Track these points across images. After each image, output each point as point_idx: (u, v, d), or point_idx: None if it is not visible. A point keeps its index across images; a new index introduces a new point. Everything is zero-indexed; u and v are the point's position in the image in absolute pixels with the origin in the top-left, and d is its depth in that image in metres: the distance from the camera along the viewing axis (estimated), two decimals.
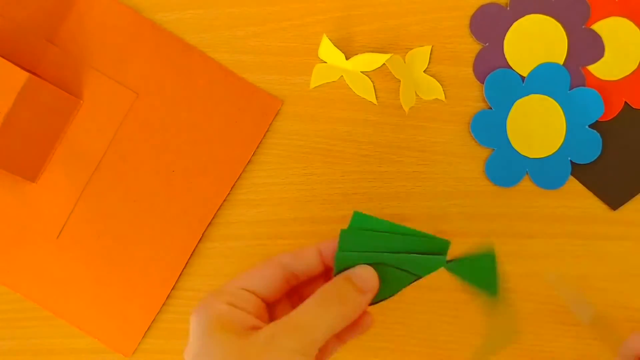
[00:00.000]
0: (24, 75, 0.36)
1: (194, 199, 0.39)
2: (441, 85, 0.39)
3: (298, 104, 0.40)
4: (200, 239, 0.39)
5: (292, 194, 0.40)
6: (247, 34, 0.40)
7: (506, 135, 0.39)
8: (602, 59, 0.38)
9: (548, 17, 0.39)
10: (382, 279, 0.29)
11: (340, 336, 0.31)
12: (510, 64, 0.39)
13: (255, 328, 0.28)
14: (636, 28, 0.38)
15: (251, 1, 0.40)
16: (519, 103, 0.38)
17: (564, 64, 0.38)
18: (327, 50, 0.39)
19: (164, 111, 0.40)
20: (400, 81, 0.39)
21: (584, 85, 0.38)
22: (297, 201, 0.40)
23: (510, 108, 0.39)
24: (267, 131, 0.40)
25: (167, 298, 0.39)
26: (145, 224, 0.39)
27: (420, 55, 0.40)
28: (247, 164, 0.40)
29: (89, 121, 0.40)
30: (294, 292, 0.31)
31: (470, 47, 0.40)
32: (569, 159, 0.39)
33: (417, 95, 0.40)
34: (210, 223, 0.39)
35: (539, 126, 0.38)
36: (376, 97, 0.40)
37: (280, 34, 0.40)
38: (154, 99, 0.40)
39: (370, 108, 0.40)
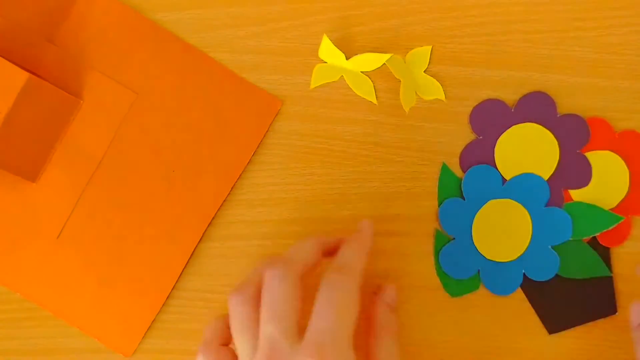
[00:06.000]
0: (24, 75, 0.36)
1: (194, 199, 0.39)
2: (441, 85, 0.39)
3: (298, 104, 0.40)
4: (201, 239, 0.39)
5: (292, 194, 0.40)
6: (247, 34, 0.40)
7: (470, 228, 0.38)
8: (585, 188, 0.38)
9: (547, 132, 0.38)
10: None
11: None
12: (497, 163, 0.38)
13: None
14: (626, 169, 0.38)
15: (251, 1, 0.40)
16: (492, 202, 0.38)
17: (547, 180, 0.38)
18: (327, 50, 0.39)
19: (164, 111, 0.40)
20: (400, 81, 0.39)
21: (560, 207, 0.38)
22: (297, 201, 0.40)
23: (483, 204, 0.38)
24: (267, 131, 0.40)
25: (167, 298, 0.39)
26: (146, 224, 0.39)
27: (420, 55, 0.40)
28: (247, 164, 0.40)
29: (89, 121, 0.40)
30: None
31: (471, 47, 0.40)
32: (523, 271, 0.38)
33: (417, 95, 0.40)
34: (210, 223, 0.39)
35: (505, 231, 0.38)
36: (376, 97, 0.40)
37: (280, 34, 0.40)
38: (154, 99, 0.40)
39: (370, 108, 0.40)
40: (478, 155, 0.39)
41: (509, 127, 0.39)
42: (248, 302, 0.30)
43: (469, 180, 0.38)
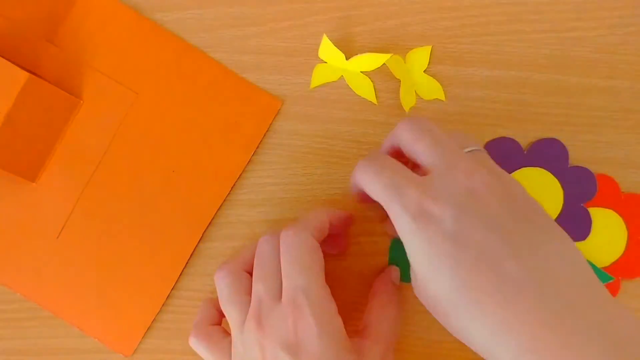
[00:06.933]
0: (24, 75, 0.36)
1: (194, 199, 0.39)
2: (441, 85, 0.39)
3: (298, 104, 0.40)
4: (200, 239, 0.39)
5: (292, 194, 0.40)
6: (247, 34, 0.40)
7: None
8: (581, 242, 0.38)
9: (555, 180, 0.38)
10: None
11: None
12: None
13: None
14: (625, 231, 0.38)
15: (251, 1, 0.40)
16: None
17: None
18: (327, 50, 0.39)
19: (164, 111, 0.40)
20: (400, 81, 0.39)
21: None
22: (297, 201, 0.40)
23: None
24: (267, 131, 0.40)
25: (167, 298, 0.39)
26: (145, 224, 0.39)
27: (420, 55, 0.40)
28: (247, 164, 0.40)
29: (89, 121, 0.40)
30: None
31: (471, 47, 0.40)
32: None
33: (417, 95, 0.40)
34: (210, 223, 0.39)
35: None
36: (376, 97, 0.40)
37: (280, 34, 0.40)
38: (154, 99, 0.40)
39: (370, 108, 0.40)
40: None
41: (519, 169, 0.38)
42: (232, 273, 0.33)
43: None
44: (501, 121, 0.39)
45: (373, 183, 0.29)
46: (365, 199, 0.32)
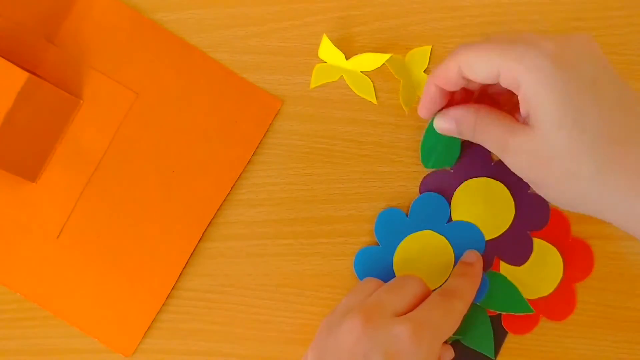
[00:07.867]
0: (24, 75, 0.36)
1: (194, 199, 0.39)
2: None
3: (298, 104, 0.40)
4: (200, 239, 0.39)
5: (292, 194, 0.40)
6: (247, 34, 0.40)
7: (398, 243, 0.38)
8: (517, 268, 0.38)
9: (512, 201, 0.38)
10: None
11: None
12: (453, 201, 0.38)
13: None
14: (560, 273, 0.37)
15: (251, 1, 0.40)
16: (429, 233, 0.38)
17: (487, 241, 0.38)
18: (327, 50, 0.39)
19: (164, 111, 0.40)
20: (400, 81, 0.39)
21: (485, 270, 0.37)
22: (297, 201, 0.40)
23: (420, 229, 0.38)
24: (267, 131, 0.40)
25: (167, 298, 0.39)
26: (146, 223, 0.39)
27: (420, 55, 0.40)
28: (247, 164, 0.40)
29: (89, 121, 0.40)
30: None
31: None
32: None
33: (417, 95, 0.40)
34: (210, 223, 0.39)
35: (425, 264, 0.38)
36: (376, 97, 0.40)
37: (280, 34, 0.40)
38: (154, 99, 0.40)
39: (370, 108, 0.40)
40: (441, 184, 0.38)
41: (482, 177, 0.38)
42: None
43: (420, 204, 0.38)
44: None
45: (490, 49, 0.29)
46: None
